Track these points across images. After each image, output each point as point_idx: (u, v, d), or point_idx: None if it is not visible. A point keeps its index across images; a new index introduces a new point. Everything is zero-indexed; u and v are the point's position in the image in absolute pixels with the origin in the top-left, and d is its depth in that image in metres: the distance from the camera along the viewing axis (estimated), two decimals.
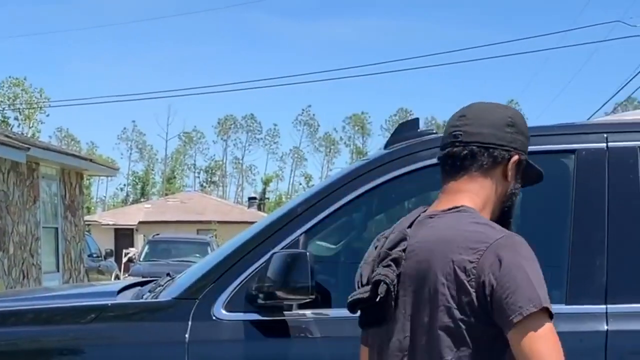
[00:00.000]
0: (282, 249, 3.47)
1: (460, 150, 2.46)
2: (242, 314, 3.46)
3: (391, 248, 2.43)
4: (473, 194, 2.45)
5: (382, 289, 2.37)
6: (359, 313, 2.53)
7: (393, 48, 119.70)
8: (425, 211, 2.52)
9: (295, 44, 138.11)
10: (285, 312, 3.43)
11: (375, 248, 2.51)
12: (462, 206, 2.42)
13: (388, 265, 2.39)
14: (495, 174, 2.47)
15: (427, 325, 2.33)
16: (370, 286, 2.41)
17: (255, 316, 3.45)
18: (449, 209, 2.43)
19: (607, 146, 3.43)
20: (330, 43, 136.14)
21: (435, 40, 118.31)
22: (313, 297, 3.33)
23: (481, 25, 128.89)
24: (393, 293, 2.38)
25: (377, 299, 2.38)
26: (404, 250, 2.41)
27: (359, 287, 2.45)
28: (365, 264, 2.50)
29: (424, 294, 2.34)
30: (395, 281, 2.38)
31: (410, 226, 2.48)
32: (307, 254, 3.33)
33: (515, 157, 2.48)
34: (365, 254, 2.54)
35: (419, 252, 2.38)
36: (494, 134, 2.45)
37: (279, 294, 3.32)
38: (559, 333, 2.82)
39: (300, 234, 3.54)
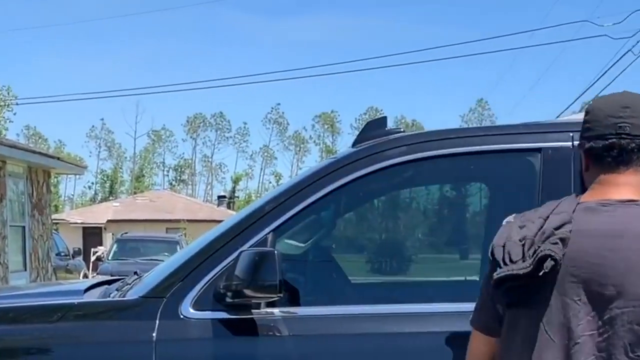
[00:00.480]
0: (250, 247, 3.46)
1: (627, 143, 2.44)
2: (210, 312, 3.44)
3: (557, 228, 2.37)
4: (635, 188, 2.43)
5: (549, 264, 2.30)
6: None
7: (363, 47, 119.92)
8: (579, 199, 2.48)
9: (263, 42, 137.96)
10: (253, 311, 3.42)
11: (521, 228, 2.44)
12: None
13: (555, 243, 2.33)
14: None
15: (616, 318, 2.28)
16: (531, 261, 2.32)
17: (223, 315, 3.43)
18: (628, 201, 2.40)
19: (572, 145, 3.45)
20: (299, 41, 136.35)
21: (405, 38, 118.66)
22: (281, 295, 3.33)
23: (450, 24, 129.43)
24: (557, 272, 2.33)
25: (541, 274, 2.31)
26: (569, 232, 2.35)
27: (505, 265, 2.36)
28: (510, 242, 2.41)
29: (609, 283, 2.28)
30: (561, 260, 2.33)
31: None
32: (275, 252, 3.32)
33: None
34: (504, 234, 2.46)
35: (601, 239, 2.34)
36: None
37: (247, 292, 3.31)
38: None
39: (269, 232, 3.53)
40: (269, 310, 3.44)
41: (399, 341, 3.38)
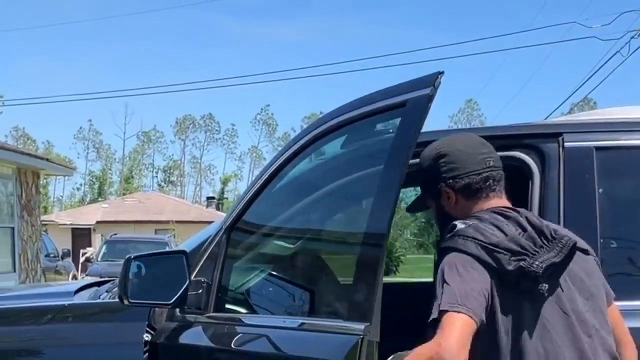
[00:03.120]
0: (213, 246, 3.46)
1: (496, 174, 2.94)
2: (198, 315, 3.42)
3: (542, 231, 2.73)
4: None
5: (573, 250, 2.71)
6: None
7: (352, 48, 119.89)
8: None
9: (251, 44, 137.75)
10: (236, 314, 3.41)
11: (500, 228, 2.76)
12: None
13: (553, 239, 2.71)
14: None
15: (591, 297, 2.79)
16: (561, 249, 2.69)
17: (205, 318, 3.40)
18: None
19: (563, 146, 3.45)
20: (288, 43, 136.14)
21: (395, 40, 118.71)
22: (127, 303, 3.28)
23: (440, 27, 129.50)
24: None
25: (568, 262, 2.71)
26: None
27: (532, 255, 2.65)
28: (514, 237, 2.72)
29: (584, 282, 2.79)
30: None
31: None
32: (184, 256, 3.34)
33: None
34: (490, 232, 2.74)
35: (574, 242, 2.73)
36: None
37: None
38: None
39: (225, 230, 3.49)
40: (248, 313, 3.45)
41: None
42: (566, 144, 3.44)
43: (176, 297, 3.28)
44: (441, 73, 3.01)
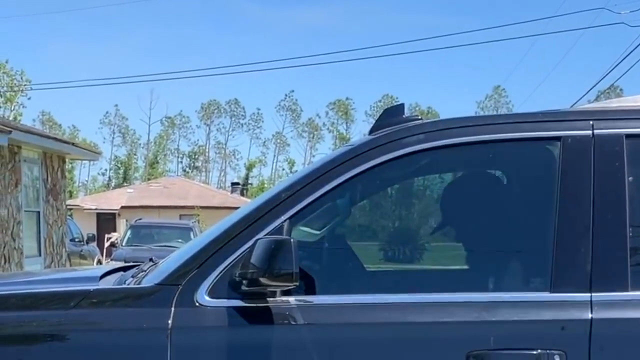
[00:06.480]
0: (266, 234, 3.45)
1: None
2: (225, 300, 3.43)
3: None
4: None
5: None
6: None
7: (378, 34, 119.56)
8: None
9: (276, 30, 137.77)
10: (268, 299, 3.41)
11: None
12: None
13: None
14: None
15: None
16: None
17: (238, 302, 3.42)
18: None
19: (593, 133, 3.42)
20: (314, 29, 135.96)
21: (421, 26, 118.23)
22: (297, 284, 3.31)
23: (467, 13, 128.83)
24: None
25: None
26: None
27: None
28: None
29: None
30: None
31: None
32: (292, 240, 3.31)
33: None
34: None
35: None
36: None
37: (263, 280, 3.30)
38: (542, 321, 2.84)
39: (285, 220, 3.51)
40: (285, 298, 3.43)
41: (416, 330, 3.36)
42: (596, 132, 3.41)
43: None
44: None
